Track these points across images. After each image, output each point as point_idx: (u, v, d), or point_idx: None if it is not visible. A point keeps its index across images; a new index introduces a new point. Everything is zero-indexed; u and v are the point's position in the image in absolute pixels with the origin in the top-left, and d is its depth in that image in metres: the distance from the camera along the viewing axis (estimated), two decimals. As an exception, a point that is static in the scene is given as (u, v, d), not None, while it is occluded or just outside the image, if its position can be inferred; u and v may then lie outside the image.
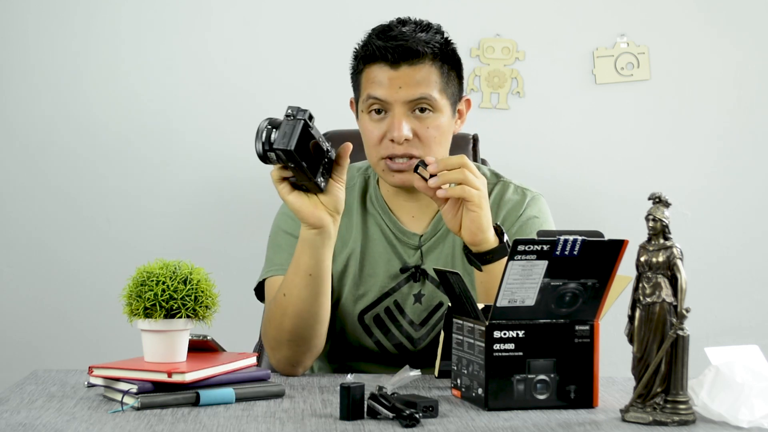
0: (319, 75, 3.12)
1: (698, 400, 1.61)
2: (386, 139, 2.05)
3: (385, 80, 2.04)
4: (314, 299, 1.96)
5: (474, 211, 1.89)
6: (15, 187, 3.11)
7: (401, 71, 2.04)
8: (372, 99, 2.05)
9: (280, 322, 1.98)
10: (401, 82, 2.03)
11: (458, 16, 3.12)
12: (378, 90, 2.05)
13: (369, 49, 2.06)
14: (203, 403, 1.67)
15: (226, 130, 3.13)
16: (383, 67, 2.04)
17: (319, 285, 1.95)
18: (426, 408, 1.60)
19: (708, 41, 3.20)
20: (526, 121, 3.17)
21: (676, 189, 3.15)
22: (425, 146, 2.05)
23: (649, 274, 1.60)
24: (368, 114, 2.07)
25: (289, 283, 1.96)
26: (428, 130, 2.05)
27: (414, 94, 2.04)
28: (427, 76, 2.04)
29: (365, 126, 2.08)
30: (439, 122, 2.06)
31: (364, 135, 2.09)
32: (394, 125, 2.04)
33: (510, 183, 2.21)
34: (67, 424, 1.55)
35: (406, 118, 2.04)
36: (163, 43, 3.12)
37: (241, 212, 3.12)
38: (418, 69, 2.04)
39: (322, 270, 1.94)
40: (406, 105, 2.04)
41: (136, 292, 1.71)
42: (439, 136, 2.06)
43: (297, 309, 1.96)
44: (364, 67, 2.08)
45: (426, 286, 2.14)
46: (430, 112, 2.05)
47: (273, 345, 2.00)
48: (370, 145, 2.08)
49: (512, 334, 1.66)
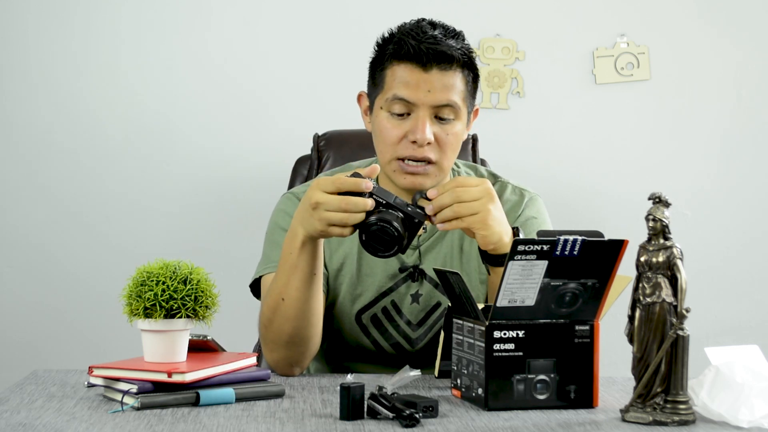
0: (320, 75, 3.12)
1: (698, 400, 1.61)
2: (406, 140, 2.02)
3: (414, 82, 2.01)
4: (314, 296, 1.95)
5: (479, 232, 1.87)
6: (15, 187, 3.11)
7: (431, 75, 2.01)
8: (398, 99, 2.02)
9: (280, 326, 1.97)
10: (430, 85, 2.01)
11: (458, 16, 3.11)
12: (405, 91, 2.02)
13: (402, 48, 2.02)
14: (203, 403, 1.67)
15: (226, 130, 3.13)
16: (413, 68, 2.01)
17: (318, 281, 1.96)
18: (426, 408, 1.60)
19: (708, 41, 3.20)
20: (526, 121, 3.18)
21: (676, 189, 3.15)
22: (443, 152, 2.03)
23: (649, 274, 1.60)
24: (388, 113, 2.04)
25: (286, 287, 1.94)
26: (448, 136, 2.03)
27: (441, 99, 2.02)
28: (455, 82, 2.02)
29: (382, 124, 2.05)
30: (457, 129, 2.05)
31: (381, 133, 2.05)
32: (418, 127, 2.01)
33: (508, 183, 2.21)
34: (67, 424, 1.55)
35: (429, 120, 2.03)
36: (163, 43, 3.12)
37: (241, 212, 3.12)
38: (448, 75, 2.02)
39: (320, 265, 1.95)
40: (432, 109, 2.02)
41: (136, 292, 1.71)
42: (456, 143, 2.05)
43: (298, 311, 1.95)
44: (391, 63, 2.04)
45: (424, 285, 2.14)
46: (451, 119, 2.04)
47: (271, 347, 1.99)
48: (386, 144, 2.04)
49: (512, 334, 1.66)
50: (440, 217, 1.86)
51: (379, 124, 2.06)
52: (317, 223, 1.84)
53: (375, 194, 1.83)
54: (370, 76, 2.10)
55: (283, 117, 3.13)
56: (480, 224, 1.85)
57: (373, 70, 2.09)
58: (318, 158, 2.63)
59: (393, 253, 1.83)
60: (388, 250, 1.82)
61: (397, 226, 1.81)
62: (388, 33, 2.08)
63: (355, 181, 1.83)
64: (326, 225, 1.83)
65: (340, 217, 1.82)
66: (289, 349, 1.98)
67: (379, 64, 2.07)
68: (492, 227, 1.86)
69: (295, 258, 1.92)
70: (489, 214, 1.86)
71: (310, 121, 2.95)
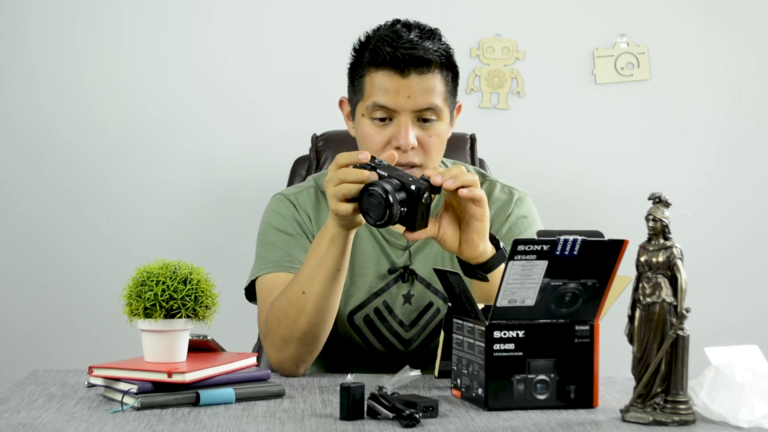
0: (318, 75, 3.12)
1: (698, 400, 1.61)
2: (390, 146, 2.03)
3: (393, 88, 2.01)
4: (335, 293, 1.95)
5: (480, 221, 1.86)
6: (15, 187, 3.11)
7: (410, 80, 2.01)
8: (378, 106, 2.03)
9: (295, 320, 1.96)
10: (409, 91, 2.01)
11: (458, 16, 3.12)
12: (384, 98, 2.02)
13: (377, 55, 2.02)
14: (203, 403, 1.67)
15: (225, 131, 3.13)
16: (391, 75, 2.02)
17: (342, 279, 1.95)
18: (426, 408, 1.60)
19: (708, 41, 3.20)
20: (526, 121, 3.17)
21: (676, 189, 3.15)
22: (427, 154, 2.04)
23: (649, 274, 1.60)
24: (370, 120, 2.05)
25: (310, 280, 1.94)
26: (431, 138, 2.04)
27: (422, 103, 2.02)
28: (434, 85, 2.03)
29: (366, 131, 2.05)
30: (440, 130, 2.05)
31: (365, 140, 2.06)
32: (401, 133, 2.02)
33: (496, 182, 2.21)
34: (67, 424, 1.55)
35: (412, 125, 2.03)
36: (162, 44, 3.12)
37: (240, 212, 3.12)
38: (426, 78, 2.02)
39: (346, 263, 1.94)
40: (413, 114, 2.03)
41: (136, 292, 1.71)
42: (440, 143, 2.06)
43: (317, 306, 1.94)
44: (368, 71, 2.04)
45: (415, 286, 2.13)
46: (434, 120, 2.04)
47: (280, 345, 1.98)
48: (370, 150, 2.03)
49: (512, 334, 1.66)
50: (447, 177, 1.83)
51: (362, 131, 2.07)
52: (331, 205, 1.84)
53: (378, 167, 1.83)
54: (350, 81, 2.11)
55: (281, 117, 3.13)
56: (484, 210, 1.85)
57: (351, 76, 2.10)
58: (316, 158, 2.63)
59: (384, 220, 1.79)
60: (379, 217, 1.80)
61: (388, 190, 1.78)
62: (364, 37, 2.08)
63: (350, 154, 1.84)
64: (335, 203, 1.83)
65: (341, 190, 1.82)
66: (299, 347, 1.97)
67: (357, 70, 2.07)
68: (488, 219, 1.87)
69: (323, 251, 1.91)
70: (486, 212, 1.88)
71: (308, 122, 2.95)
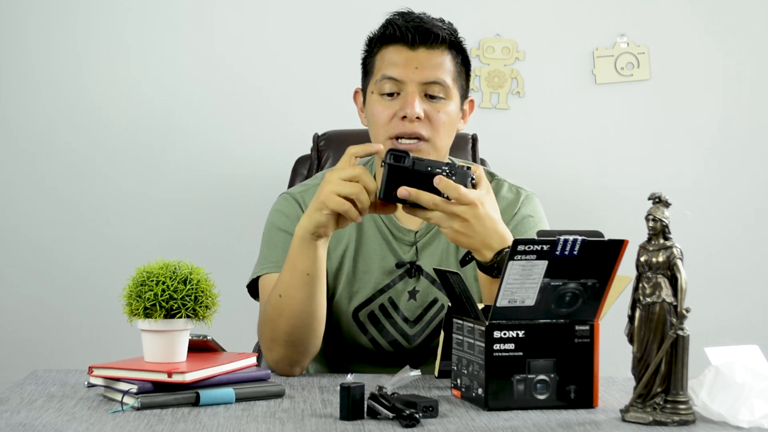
0: (320, 75, 3.12)
1: (698, 400, 1.61)
2: (396, 118, 2.04)
3: (402, 60, 2.04)
4: (311, 299, 1.95)
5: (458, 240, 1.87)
6: (15, 187, 3.11)
7: (419, 53, 2.04)
8: (386, 78, 2.05)
9: (276, 323, 1.97)
10: (417, 63, 2.04)
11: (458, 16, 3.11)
12: (393, 70, 2.04)
13: (388, 30, 2.06)
14: (203, 403, 1.67)
15: (226, 130, 3.13)
16: (400, 48, 2.05)
17: (316, 284, 1.95)
18: (426, 408, 1.60)
19: (708, 41, 3.20)
20: (526, 121, 3.18)
21: (676, 189, 3.15)
22: (435, 130, 2.04)
23: (649, 274, 1.60)
24: (379, 95, 2.06)
25: (285, 284, 1.95)
26: (439, 113, 2.05)
27: (429, 76, 2.04)
28: (442, 61, 2.05)
29: (374, 107, 2.07)
30: (449, 109, 2.06)
31: (373, 116, 2.07)
32: (407, 102, 2.03)
33: (504, 181, 2.21)
34: (67, 424, 1.55)
35: (419, 97, 2.04)
36: (164, 43, 3.12)
37: (241, 212, 3.12)
38: (435, 53, 2.05)
39: (319, 269, 1.94)
40: (421, 86, 2.04)
41: (136, 292, 1.71)
42: (448, 123, 2.06)
43: (294, 310, 1.96)
44: (380, 48, 2.08)
45: (421, 282, 2.14)
46: (441, 98, 2.05)
47: (269, 345, 1.99)
48: (378, 125, 2.06)
49: (512, 334, 1.66)
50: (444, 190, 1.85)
51: (371, 109, 2.08)
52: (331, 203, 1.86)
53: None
54: (363, 69, 2.13)
55: (283, 117, 3.13)
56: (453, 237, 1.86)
57: (364, 63, 2.13)
58: (318, 158, 2.63)
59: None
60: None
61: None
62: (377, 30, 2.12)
63: (362, 146, 1.89)
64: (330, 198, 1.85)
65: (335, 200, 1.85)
66: (287, 349, 1.98)
67: (369, 52, 2.11)
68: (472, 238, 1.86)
69: (295, 254, 1.93)
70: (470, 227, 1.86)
71: (310, 121, 2.95)
